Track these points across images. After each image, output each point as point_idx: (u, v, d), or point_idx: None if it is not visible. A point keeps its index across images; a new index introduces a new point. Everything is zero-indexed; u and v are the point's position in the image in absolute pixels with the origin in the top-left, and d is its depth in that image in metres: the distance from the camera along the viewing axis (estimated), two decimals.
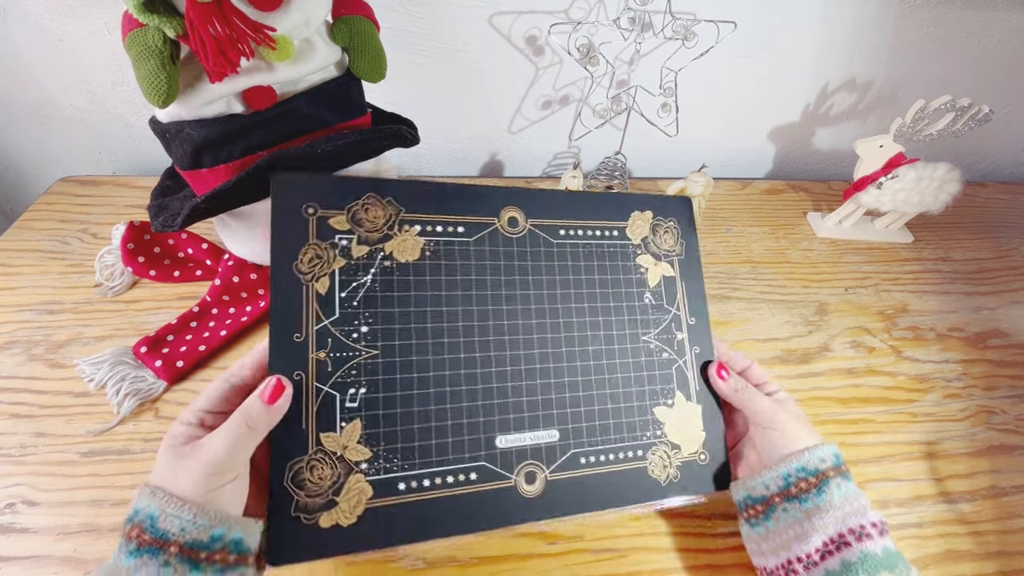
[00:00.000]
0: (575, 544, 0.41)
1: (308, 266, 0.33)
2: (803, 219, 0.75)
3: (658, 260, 0.41)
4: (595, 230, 0.40)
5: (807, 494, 0.34)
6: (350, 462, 0.31)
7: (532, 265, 0.38)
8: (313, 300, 0.32)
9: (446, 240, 0.36)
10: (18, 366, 0.49)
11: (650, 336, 0.39)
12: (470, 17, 0.65)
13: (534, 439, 0.35)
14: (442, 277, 0.35)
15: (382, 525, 0.31)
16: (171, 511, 0.27)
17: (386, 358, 0.33)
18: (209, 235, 0.59)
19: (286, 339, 0.32)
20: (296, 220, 0.33)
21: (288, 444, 0.31)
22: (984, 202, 0.82)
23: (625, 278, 0.40)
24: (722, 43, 0.56)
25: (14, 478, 0.42)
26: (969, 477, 0.48)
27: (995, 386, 0.55)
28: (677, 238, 0.43)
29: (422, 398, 0.33)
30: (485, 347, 0.35)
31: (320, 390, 0.32)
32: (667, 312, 0.40)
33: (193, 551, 0.27)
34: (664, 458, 0.37)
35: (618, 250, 0.40)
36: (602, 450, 0.36)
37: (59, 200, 0.67)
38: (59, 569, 0.38)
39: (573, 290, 0.38)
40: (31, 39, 0.63)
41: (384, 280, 0.34)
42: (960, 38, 0.73)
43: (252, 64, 0.42)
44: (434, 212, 0.36)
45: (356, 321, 0.33)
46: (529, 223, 0.38)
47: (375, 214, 0.35)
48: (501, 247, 0.37)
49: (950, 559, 0.43)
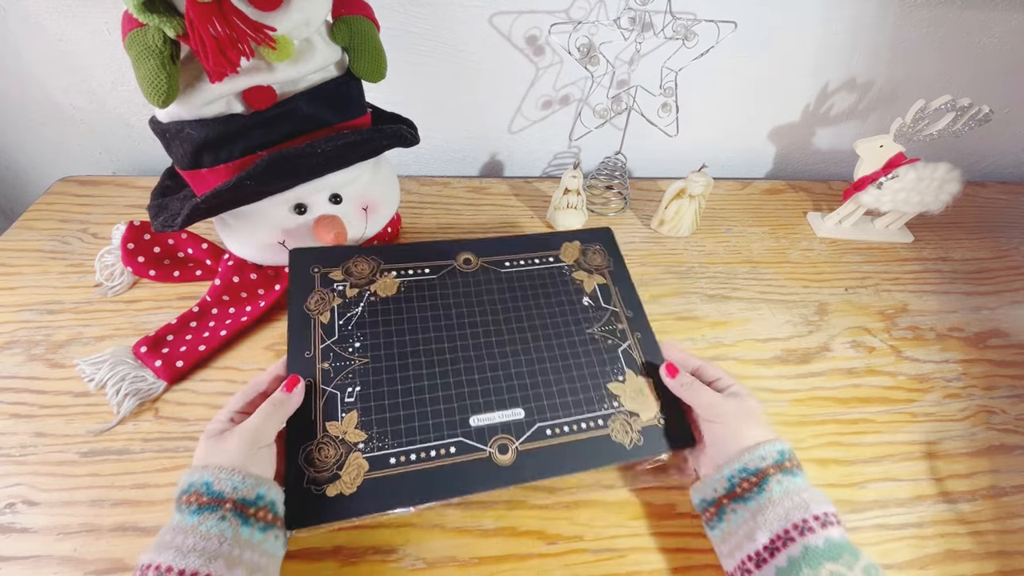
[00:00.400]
0: (575, 544, 0.41)
1: (315, 305, 0.45)
2: (803, 219, 0.75)
3: (591, 273, 0.51)
4: (535, 259, 0.51)
5: (750, 493, 0.35)
6: (350, 443, 0.39)
7: (486, 289, 0.48)
8: (318, 328, 0.44)
9: (416, 279, 0.48)
10: (18, 366, 0.49)
11: (594, 329, 0.48)
12: (470, 17, 0.65)
13: (503, 417, 0.41)
14: (415, 304, 0.46)
15: (378, 493, 0.37)
16: (223, 476, 0.33)
17: (375, 364, 0.43)
18: (209, 235, 0.59)
19: (299, 355, 0.42)
20: (306, 277, 0.46)
21: (301, 432, 0.39)
22: (984, 202, 0.82)
23: (564, 288, 0.50)
24: (722, 43, 0.56)
25: (14, 478, 0.42)
26: (969, 477, 0.48)
27: (995, 386, 0.55)
28: (605, 256, 0.53)
29: (405, 391, 0.42)
30: (453, 351, 0.44)
31: (325, 391, 0.41)
32: (605, 310, 0.49)
33: (244, 507, 0.33)
34: (624, 425, 0.42)
35: (555, 270, 0.51)
36: (565, 422, 0.42)
37: (59, 200, 0.67)
38: (59, 569, 0.38)
39: (522, 303, 0.48)
40: (31, 39, 0.63)
41: (371, 310, 0.45)
42: (960, 38, 0.73)
43: (252, 64, 0.42)
44: (405, 261, 0.49)
45: (351, 339, 0.43)
46: (480, 261, 0.50)
47: (362, 267, 0.47)
48: (459, 279, 0.49)
49: (950, 559, 0.43)
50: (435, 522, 0.42)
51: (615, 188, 0.74)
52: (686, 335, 0.57)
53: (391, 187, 0.59)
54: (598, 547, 0.41)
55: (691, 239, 0.70)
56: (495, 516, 0.43)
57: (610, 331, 0.48)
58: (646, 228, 0.71)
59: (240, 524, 0.32)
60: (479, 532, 0.42)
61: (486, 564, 0.40)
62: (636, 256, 0.67)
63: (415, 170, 0.81)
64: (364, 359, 0.43)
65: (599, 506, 0.44)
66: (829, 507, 0.34)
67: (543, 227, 0.69)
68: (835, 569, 0.31)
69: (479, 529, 0.42)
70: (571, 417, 0.42)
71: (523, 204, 0.73)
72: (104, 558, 0.38)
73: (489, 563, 0.40)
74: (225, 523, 0.32)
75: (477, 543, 0.41)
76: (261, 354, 0.52)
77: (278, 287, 0.55)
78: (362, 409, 0.40)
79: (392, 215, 0.60)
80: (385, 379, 0.42)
